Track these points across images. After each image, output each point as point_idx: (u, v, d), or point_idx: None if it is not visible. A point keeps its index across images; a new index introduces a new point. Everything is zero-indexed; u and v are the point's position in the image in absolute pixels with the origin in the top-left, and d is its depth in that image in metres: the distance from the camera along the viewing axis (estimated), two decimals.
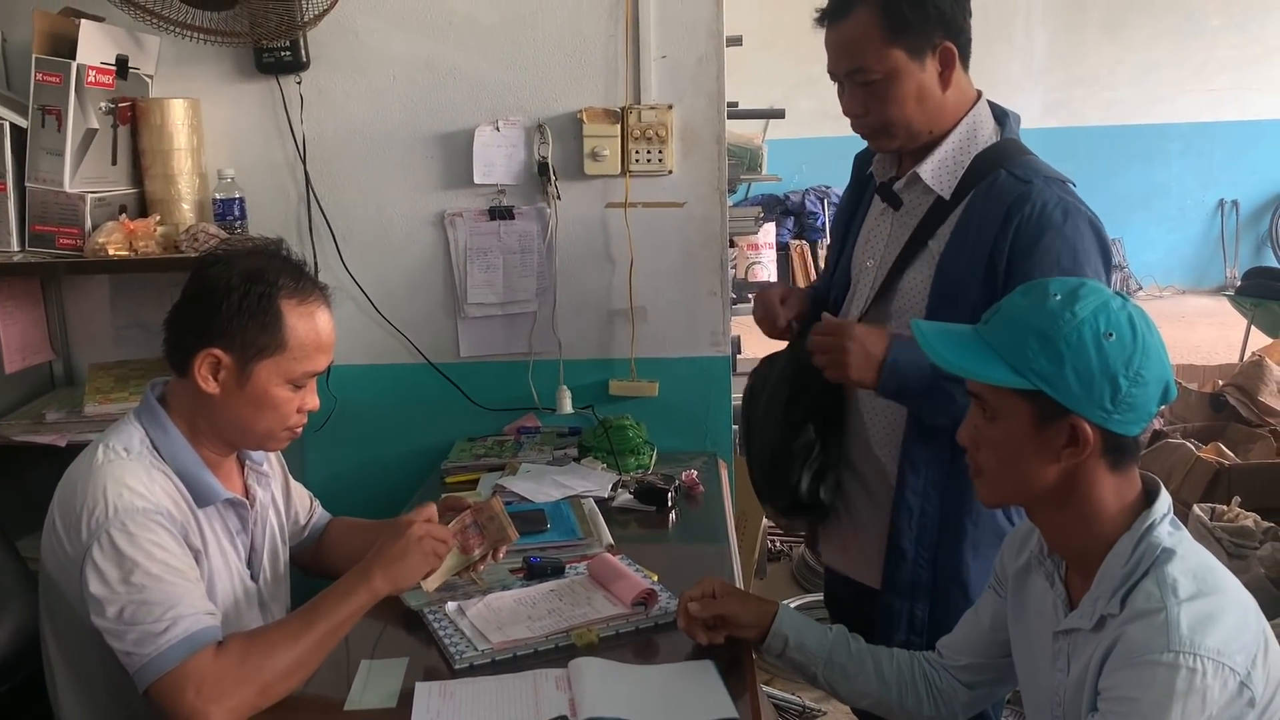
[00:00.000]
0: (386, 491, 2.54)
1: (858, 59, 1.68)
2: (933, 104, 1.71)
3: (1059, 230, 1.61)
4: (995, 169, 1.69)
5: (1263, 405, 4.37)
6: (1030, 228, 1.62)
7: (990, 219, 1.66)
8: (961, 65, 1.73)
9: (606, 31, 2.56)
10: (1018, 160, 1.70)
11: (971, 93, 1.77)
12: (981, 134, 1.74)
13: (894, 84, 1.68)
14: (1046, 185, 1.65)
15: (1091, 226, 1.65)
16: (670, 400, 2.69)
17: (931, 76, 1.70)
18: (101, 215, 2.42)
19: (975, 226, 1.68)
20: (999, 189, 1.67)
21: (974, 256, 1.66)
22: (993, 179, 1.69)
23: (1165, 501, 1.29)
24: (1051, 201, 1.63)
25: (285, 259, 1.61)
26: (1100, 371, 1.20)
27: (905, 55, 1.67)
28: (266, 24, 2.45)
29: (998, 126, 1.77)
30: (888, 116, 1.71)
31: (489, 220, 2.65)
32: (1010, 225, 1.63)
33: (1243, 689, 1.15)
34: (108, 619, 1.42)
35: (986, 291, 1.63)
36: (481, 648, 1.57)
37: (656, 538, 2.15)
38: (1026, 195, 1.64)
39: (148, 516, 1.46)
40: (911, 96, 1.69)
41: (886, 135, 1.75)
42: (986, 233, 1.65)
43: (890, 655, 1.59)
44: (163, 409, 1.59)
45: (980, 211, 1.68)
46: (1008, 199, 1.65)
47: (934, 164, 1.74)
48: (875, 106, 1.71)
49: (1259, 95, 9.05)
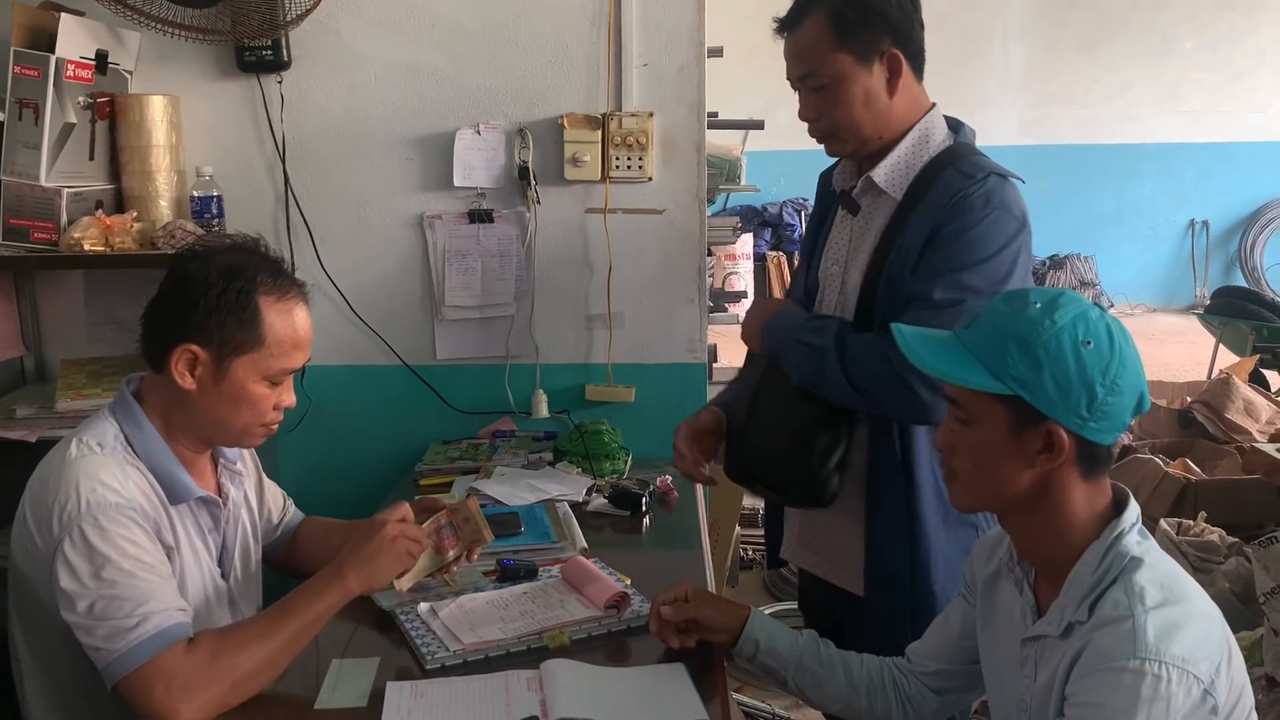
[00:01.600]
0: (360, 492, 2.54)
1: (808, 64, 1.75)
2: (880, 108, 1.76)
3: (975, 213, 1.67)
4: (945, 169, 1.75)
5: (1229, 422, 4.42)
6: (949, 210, 1.69)
7: (933, 212, 1.72)
8: (914, 75, 1.78)
9: (589, 38, 2.57)
10: (967, 159, 1.76)
11: (925, 102, 1.82)
12: (934, 139, 1.80)
13: (841, 88, 1.74)
14: (985, 179, 1.70)
15: (1016, 224, 1.70)
16: (646, 406, 2.70)
17: (879, 82, 1.75)
18: (78, 210, 2.41)
19: (919, 222, 1.73)
20: (945, 185, 1.73)
21: (916, 241, 1.72)
22: (943, 176, 1.74)
23: (1134, 511, 1.31)
24: (978, 193, 1.69)
25: (264, 255, 1.61)
26: (1078, 379, 1.22)
27: (852, 60, 1.73)
28: (249, 22, 2.44)
29: (951, 134, 1.83)
30: (836, 120, 1.77)
31: (468, 223, 2.65)
32: (945, 212, 1.70)
33: (1206, 696, 1.17)
34: (78, 614, 1.41)
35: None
36: (453, 648, 1.57)
37: (630, 543, 2.15)
38: (965, 188, 1.70)
39: (120, 511, 1.45)
40: (859, 101, 1.75)
41: (838, 140, 1.81)
42: (923, 226, 1.72)
43: (860, 661, 1.60)
44: (138, 405, 1.59)
45: (927, 209, 1.74)
46: (952, 192, 1.71)
47: (886, 167, 1.79)
48: (826, 111, 1.77)
49: (1230, 117, 9.19)
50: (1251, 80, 9.16)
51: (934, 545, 1.78)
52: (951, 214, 1.68)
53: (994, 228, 1.68)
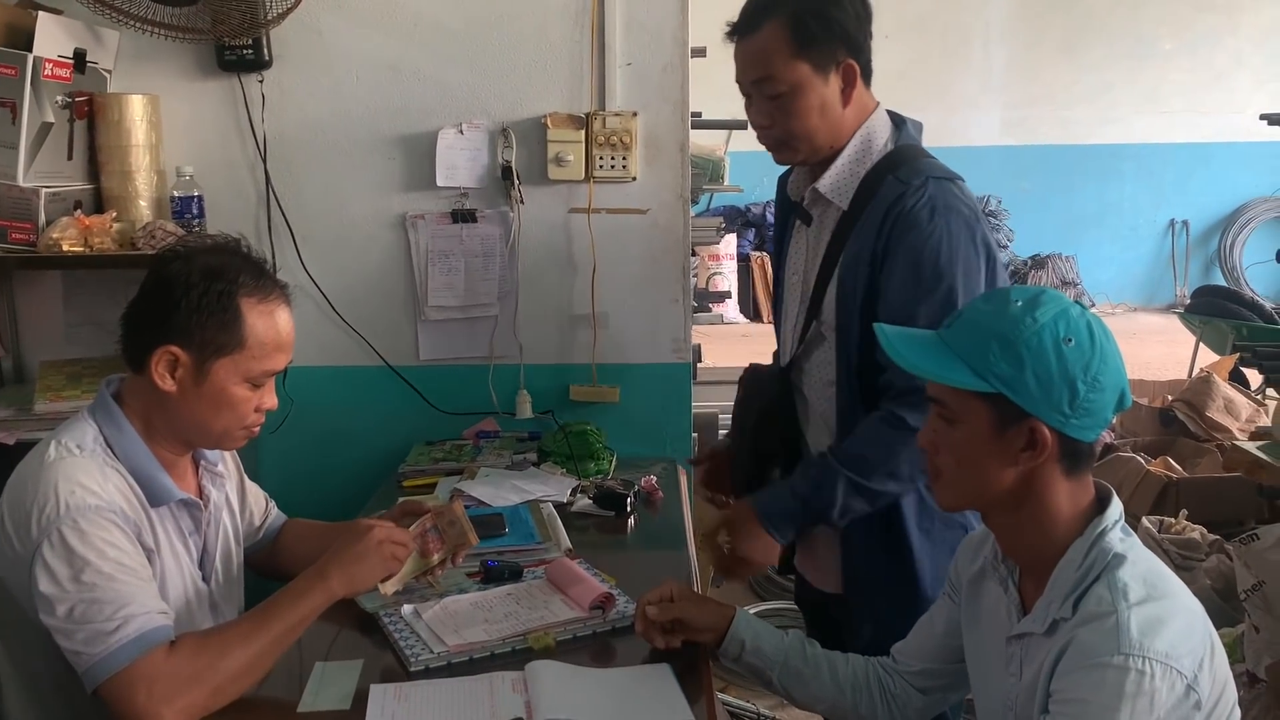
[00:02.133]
0: (342, 494, 2.52)
1: (765, 68, 1.75)
2: (834, 118, 1.78)
3: (922, 229, 1.68)
4: (886, 176, 1.76)
5: (1210, 421, 4.46)
6: (897, 226, 1.70)
7: (872, 222, 1.73)
8: (863, 83, 1.80)
9: (572, 37, 2.57)
10: (906, 164, 1.77)
11: (870, 105, 1.83)
12: (876, 144, 1.81)
13: (799, 96, 1.75)
14: (925, 185, 1.71)
15: (965, 224, 1.71)
16: (631, 406, 2.69)
17: (834, 92, 1.76)
18: (56, 210, 2.38)
19: (861, 231, 1.76)
20: (883, 193, 1.74)
21: (860, 260, 1.74)
22: (884, 182, 1.76)
23: (1117, 508, 1.31)
24: (922, 200, 1.70)
25: (246, 256, 1.59)
26: (1059, 376, 1.23)
27: (810, 69, 1.74)
28: (229, 21, 2.43)
29: (895, 131, 1.84)
30: (791, 129, 1.78)
31: (451, 223, 2.64)
32: (885, 224, 1.71)
33: (1189, 691, 1.17)
34: (57, 618, 1.39)
35: (870, 291, 1.72)
36: (437, 650, 1.56)
37: (615, 543, 2.15)
38: (901, 195, 1.71)
39: (100, 514, 1.44)
40: (815, 110, 1.76)
41: (790, 148, 1.82)
42: (868, 234, 1.73)
43: (845, 660, 1.61)
44: (118, 406, 1.57)
45: (869, 216, 1.76)
46: (888, 201, 1.72)
47: (831, 177, 1.81)
48: (780, 119, 1.78)
49: (1209, 118, 9.26)
50: (1230, 81, 9.23)
51: (916, 548, 1.80)
52: (900, 232, 1.69)
53: (946, 238, 1.69)
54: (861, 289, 1.74)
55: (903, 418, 1.68)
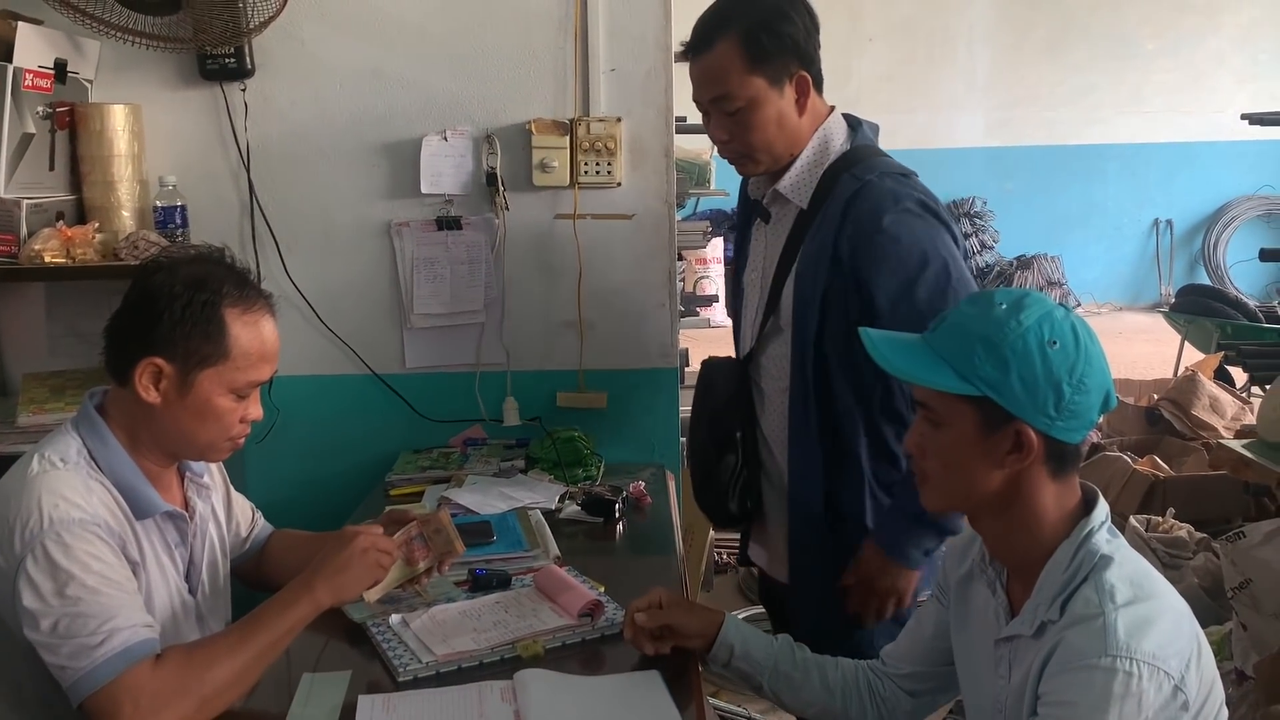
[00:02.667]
0: (329, 504, 2.50)
1: (721, 86, 1.80)
2: (791, 128, 1.84)
3: (890, 220, 1.73)
4: (841, 174, 1.81)
5: (1195, 419, 4.47)
6: (862, 224, 1.74)
7: (830, 218, 1.79)
8: (815, 91, 1.85)
9: (555, 43, 2.57)
10: (861, 163, 1.82)
11: (824, 110, 1.89)
12: (833, 145, 1.87)
13: (756, 111, 1.80)
14: (880, 179, 1.77)
15: (926, 208, 1.76)
16: (618, 412, 2.69)
17: (789, 103, 1.82)
18: (38, 221, 2.37)
19: (820, 228, 1.81)
20: (839, 191, 1.79)
21: (820, 256, 1.79)
22: (839, 181, 1.81)
23: (1103, 509, 1.32)
24: (883, 193, 1.75)
25: (230, 267, 1.59)
26: (1045, 378, 1.23)
27: (765, 83, 1.79)
28: (211, 30, 2.42)
29: (851, 133, 1.89)
30: (751, 141, 1.84)
31: (436, 230, 2.63)
32: (846, 221, 1.76)
33: (1177, 692, 1.18)
34: (41, 632, 1.38)
35: (833, 276, 1.77)
36: (426, 660, 1.55)
37: (604, 549, 2.14)
38: (858, 193, 1.77)
39: (84, 527, 1.43)
40: (772, 122, 1.82)
41: (751, 160, 1.88)
42: (827, 231, 1.78)
43: (835, 664, 1.61)
44: (101, 419, 1.56)
45: (826, 214, 1.81)
46: (845, 197, 1.77)
47: (790, 178, 1.87)
48: (739, 133, 1.83)
49: (1192, 118, 9.32)
50: (1212, 81, 9.28)
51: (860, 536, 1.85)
52: (867, 229, 1.73)
53: (918, 222, 1.74)
54: (820, 285, 1.79)
55: None
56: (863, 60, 9.07)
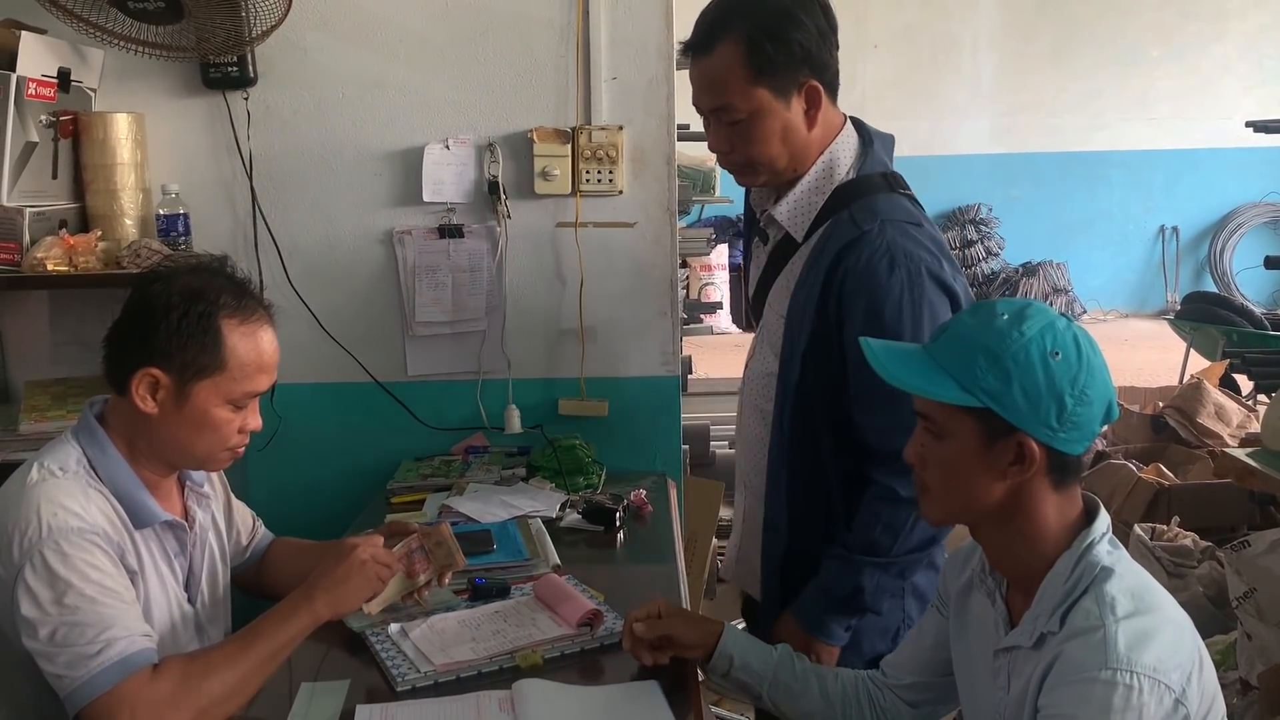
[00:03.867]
0: (331, 512, 2.50)
1: (722, 96, 1.69)
2: (798, 142, 1.72)
3: (882, 283, 1.63)
4: (843, 208, 1.71)
5: (1201, 427, 4.46)
6: (856, 278, 1.65)
7: (825, 259, 1.68)
8: (829, 99, 1.73)
9: (557, 52, 2.57)
10: (863, 201, 1.70)
11: (838, 122, 1.77)
12: (838, 171, 1.75)
13: (759, 123, 1.68)
14: (880, 231, 1.65)
15: (926, 270, 1.65)
16: (620, 420, 2.68)
17: (797, 115, 1.70)
18: (41, 230, 2.37)
19: (814, 262, 1.71)
20: (838, 230, 1.69)
21: (810, 293, 1.70)
22: (837, 219, 1.71)
23: (1104, 521, 1.31)
24: (879, 251, 1.64)
25: (229, 277, 1.59)
26: (1047, 390, 1.23)
27: (770, 95, 1.67)
28: (213, 39, 2.42)
29: (862, 152, 1.77)
30: (752, 155, 1.72)
31: (438, 238, 2.63)
32: (838, 269, 1.66)
33: (1178, 706, 1.17)
34: (39, 641, 1.38)
35: (820, 325, 1.69)
36: (424, 669, 1.55)
37: (604, 558, 2.14)
38: (855, 243, 1.66)
39: (83, 536, 1.43)
40: (776, 136, 1.70)
41: (751, 172, 1.77)
42: (818, 271, 1.68)
43: (835, 675, 1.60)
44: (101, 428, 1.56)
45: (820, 249, 1.71)
46: (840, 243, 1.67)
47: (788, 205, 1.76)
48: (740, 145, 1.72)
49: (1197, 124, 9.31)
50: (1218, 87, 9.28)
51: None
52: (856, 286, 1.64)
53: (908, 291, 1.63)
54: (807, 331, 1.71)
55: (894, 489, 1.67)
56: (867, 66, 9.08)
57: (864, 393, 1.68)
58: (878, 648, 1.79)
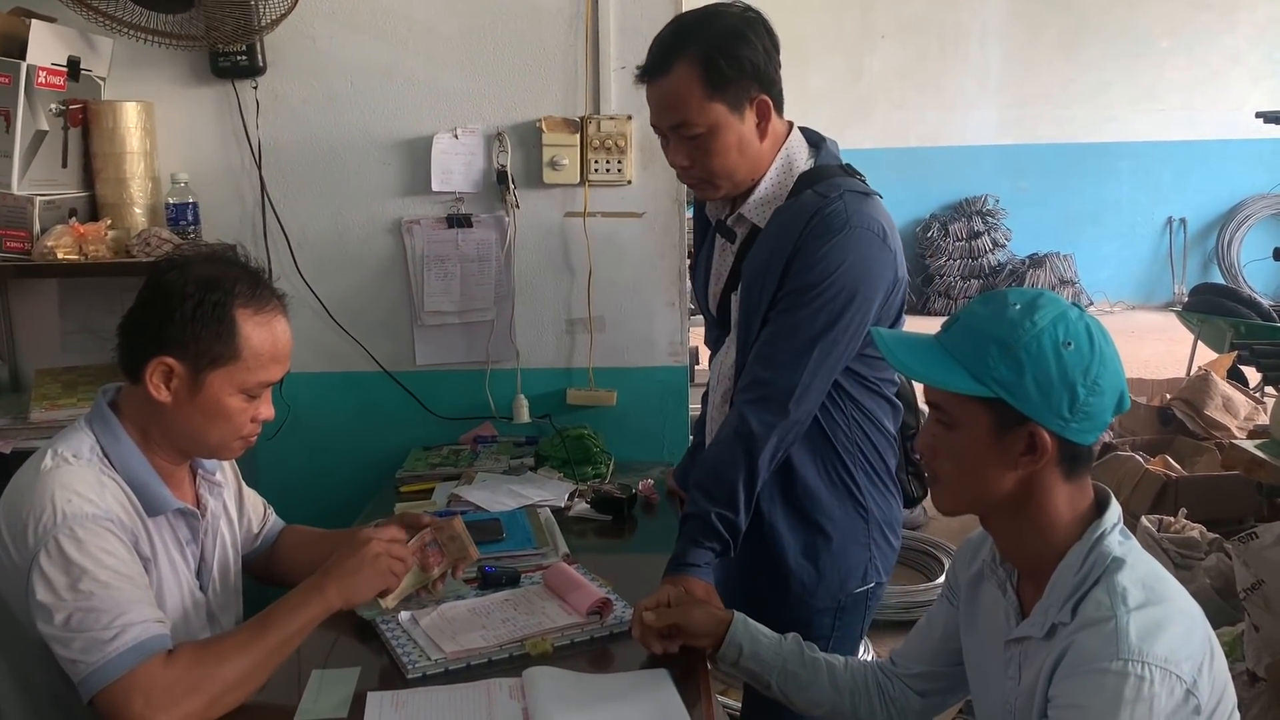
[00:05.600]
0: (340, 500, 2.52)
1: (681, 113, 1.76)
2: (752, 153, 1.80)
3: (834, 233, 1.70)
4: (804, 190, 1.78)
5: (1208, 419, 4.45)
6: (812, 234, 1.71)
7: (789, 230, 1.74)
8: (776, 113, 1.81)
9: (566, 41, 2.57)
10: (826, 180, 1.78)
11: (783, 130, 1.85)
12: (796, 164, 1.83)
13: (716, 137, 1.76)
14: (841, 197, 1.74)
15: (876, 238, 1.72)
16: (628, 410, 2.69)
17: (750, 128, 1.78)
18: (50, 218, 2.38)
19: (773, 236, 1.77)
20: (802, 203, 1.76)
21: (770, 265, 1.75)
22: (798, 197, 1.78)
23: (1116, 511, 1.31)
24: (838, 212, 1.71)
25: (243, 266, 1.58)
26: (1059, 380, 1.23)
27: (725, 109, 1.75)
28: (222, 28, 2.42)
29: (813, 151, 1.86)
30: (711, 168, 1.79)
31: (447, 228, 2.63)
32: (804, 237, 1.72)
33: (1189, 696, 1.17)
34: (54, 626, 1.39)
35: (779, 289, 1.74)
36: (435, 657, 1.56)
37: (613, 547, 2.15)
38: (822, 206, 1.73)
39: (97, 522, 1.43)
40: (733, 148, 1.77)
41: (711, 185, 1.84)
42: (785, 241, 1.74)
43: (844, 664, 1.60)
44: (114, 416, 1.56)
45: (779, 225, 1.78)
46: (808, 212, 1.74)
47: (756, 201, 1.84)
48: (700, 159, 1.79)
49: (1206, 116, 9.26)
50: (1227, 79, 9.23)
51: (783, 540, 1.84)
52: (812, 234, 1.71)
53: (856, 246, 1.70)
54: (768, 295, 1.75)
55: (744, 417, 1.73)
56: (875, 58, 9.05)
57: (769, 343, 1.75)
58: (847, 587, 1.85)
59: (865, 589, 1.88)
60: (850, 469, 1.83)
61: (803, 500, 1.83)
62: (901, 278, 1.79)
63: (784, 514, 1.84)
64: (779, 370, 1.72)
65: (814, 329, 1.70)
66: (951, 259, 9.31)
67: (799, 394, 1.71)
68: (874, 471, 1.86)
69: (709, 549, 1.73)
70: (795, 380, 1.70)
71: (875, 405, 1.85)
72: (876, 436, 1.85)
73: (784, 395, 1.71)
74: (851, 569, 1.86)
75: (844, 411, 1.81)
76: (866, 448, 1.84)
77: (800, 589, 1.85)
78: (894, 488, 1.91)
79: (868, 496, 1.85)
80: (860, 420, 1.83)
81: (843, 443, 1.82)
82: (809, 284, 1.70)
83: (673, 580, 1.69)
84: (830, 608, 1.86)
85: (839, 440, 1.82)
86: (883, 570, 1.89)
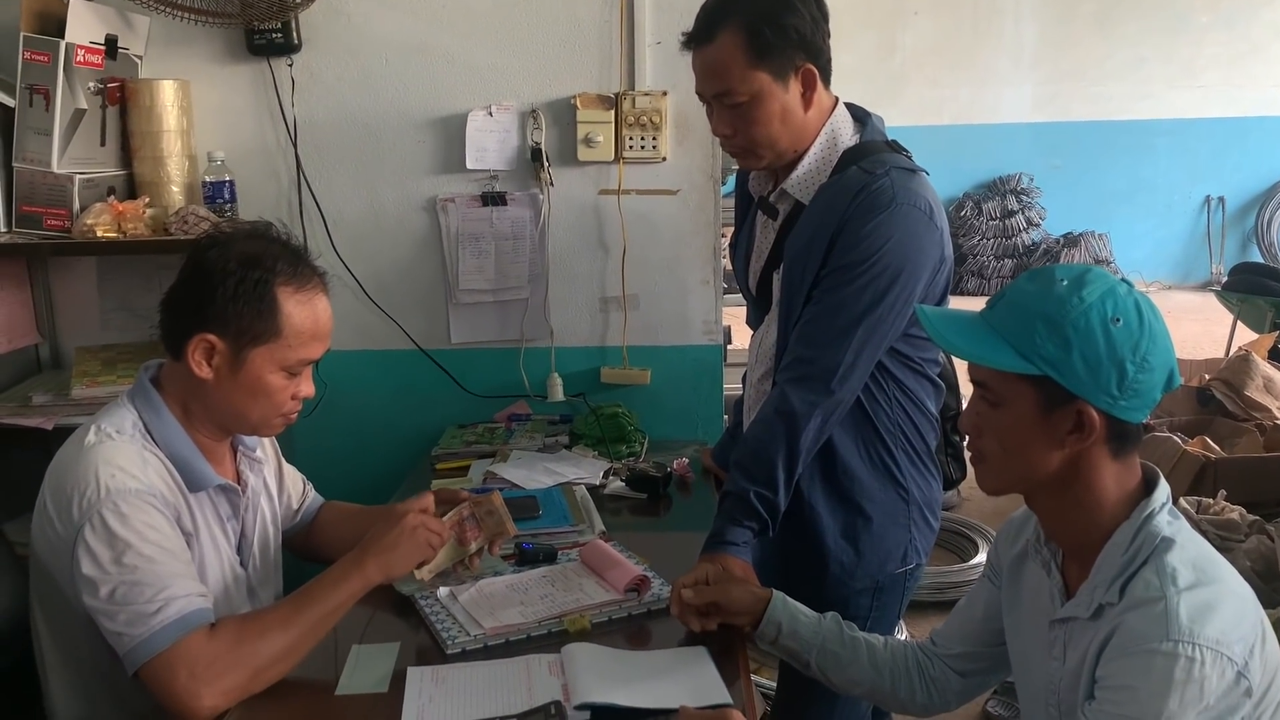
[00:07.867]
0: (376, 478, 2.53)
1: (724, 82, 1.75)
2: (796, 123, 1.78)
3: (880, 210, 1.68)
4: (849, 167, 1.76)
5: (1248, 400, 4.39)
6: (858, 210, 1.69)
7: (834, 207, 1.72)
8: (823, 84, 1.79)
9: (601, 16, 2.55)
10: (872, 157, 1.76)
11: (829, 104, 1.83)
12: (841, 140, 1.81)
13: (759, 105, 1.75)
14: (888, 173, 1.71)
15: (923, 216, 1.70)
16: (662, 388, 2.68)
17: (794, 97, 1.76)
18: (90, 196, 2.40)
19: (817, 212, 1.75)
20: (847, 180, 1.74)
21: (815, 242, 1.73)
22: (843, 174, 1.76)
23: (1164, 491, 1.29)
24: (884, 185, 1.70)
25: (284, 244, 1.59)
26: (1108, 357, 1.21)
27: (769, 78, 1.73)
28: (258, 6, 2.43)
29: (859, 127, 1.84)
30: (754, 136, 1.78)
31: (481, 206, 2.63)
32: (849, 210, 1.70)
33: (1240, 679, 1.15)
34: (99, 600, 1.40)
35: (824, 266, 1.72)
36: (474, 633, 1.56)
37: (648, 525, 2.14)
38: (868, 183, 1.71)
39: (140, 497, 1.45)
40: (776, 117, 1.76)
41: (754, 155, 1.82)
42: (830, 217, 1.72)
43: (884, 643, 1.59)
44: (156, 392, 1.58)
45: (823, 202, 1.76)
46: (853, 188, 1.72)
47: (799, 176, 1.82)
48: (743, 127, 1.78)
49: (1246, 92, 9.10)
50: (1267, 54, 9.06)
51: (823, 521, 1.83)
52: (859, 211, 1.69)
53: (902, 223, 1.68)
54: (811, 272, 1.73)
55: (786, 396, 1.71)
56: (907, 34, 8.95)
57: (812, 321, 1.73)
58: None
59: (904, 570, 1.86)
60: (891, 450, 1.82)
61: (843, 481, 1.81)
62: (947, 256, 1.77)
63: (824, 494, 1.83)
64: (822, 349, 1.70)
65: (858, 307, 1.68)
66: (985, 238, 9.23)
67: (842, 373, 1.69)
68: (915, 452, 1.84)
69: (747, 527, 1.72)
70: (839, 359, 1.69)
71: (918, 386, 1.83)
72: (919, 417, 1.83)
73: (827, 374, 1.69)
74: (891, 550, 1.85)
75: (886, 392, 1.80)
76: (908, 428, 1.82)
77: (839, 569, 1.84)
78: (934, 469, 1.90)
79: (908, 477, 1.83)
80: (903, 400, 1.81)
81: (884, 423, 1.80)
82: (854, 261, 1.68)
83: (710, 558, 1.69)
84: (869, 588, 1.85)
85: (880, 421, 1.80)
86: (922, 551, 1.88)
